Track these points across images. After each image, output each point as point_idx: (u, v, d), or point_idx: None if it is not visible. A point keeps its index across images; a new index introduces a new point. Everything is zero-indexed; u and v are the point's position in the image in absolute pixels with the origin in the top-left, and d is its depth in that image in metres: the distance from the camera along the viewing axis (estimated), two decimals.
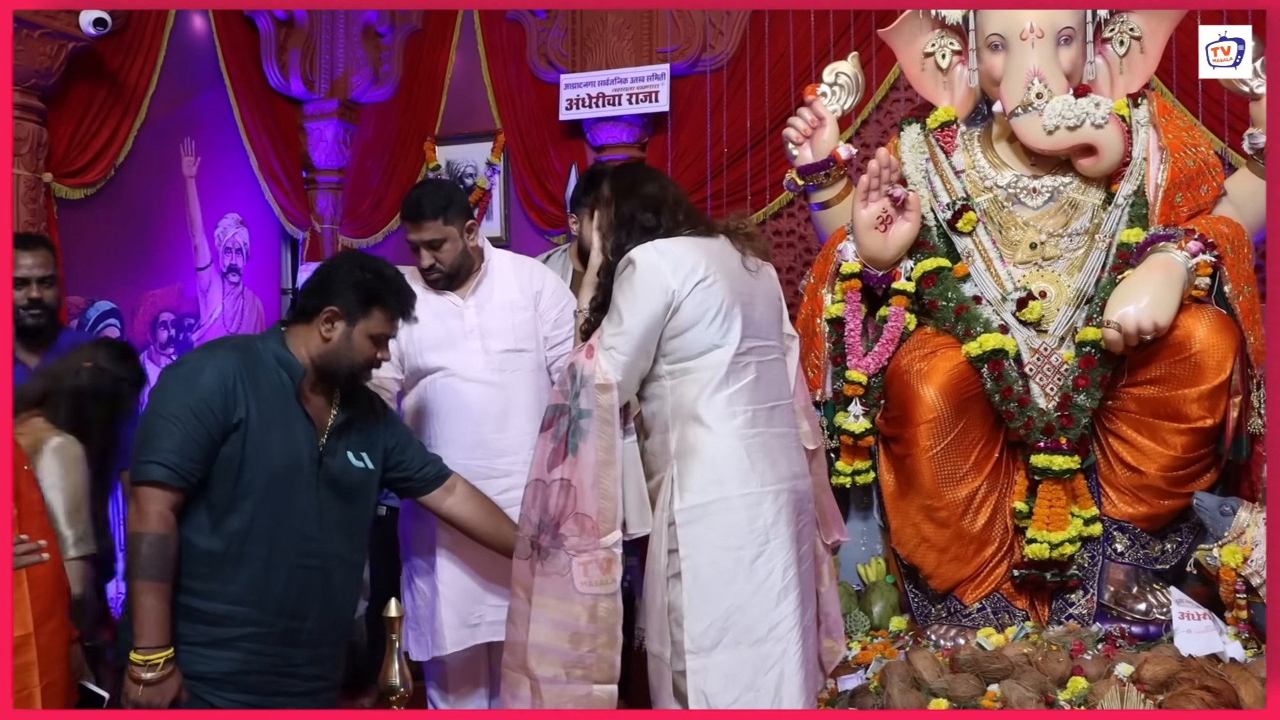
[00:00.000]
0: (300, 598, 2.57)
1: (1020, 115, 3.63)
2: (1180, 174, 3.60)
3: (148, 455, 2.42)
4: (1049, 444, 3.40)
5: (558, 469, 2.53)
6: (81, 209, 4.87)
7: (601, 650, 2.48)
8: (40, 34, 4.41)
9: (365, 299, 2.64)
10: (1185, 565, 3.53)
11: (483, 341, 3.31)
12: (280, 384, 2.57)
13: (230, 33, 5.76)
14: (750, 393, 2.56)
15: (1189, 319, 3.34)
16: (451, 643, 3.22)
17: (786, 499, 2.56)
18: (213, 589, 2.49)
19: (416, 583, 3.33)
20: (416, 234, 3.30)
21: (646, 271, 2.51)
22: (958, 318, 3.57)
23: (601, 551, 2.48)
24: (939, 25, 3.93)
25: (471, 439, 3.24)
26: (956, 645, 3.38)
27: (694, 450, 2.52)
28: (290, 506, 2.55)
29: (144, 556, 2.39)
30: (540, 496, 2.56)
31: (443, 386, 3.29)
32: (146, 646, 2.38)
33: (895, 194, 3.63)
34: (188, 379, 2.49)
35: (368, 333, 2.64)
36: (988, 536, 3.53)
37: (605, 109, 5.59)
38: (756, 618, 2.48)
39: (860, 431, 3.63)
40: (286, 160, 6.07)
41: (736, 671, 2.47)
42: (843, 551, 3.89)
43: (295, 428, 2.58)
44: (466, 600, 3.24)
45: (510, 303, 3.38)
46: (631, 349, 2.51)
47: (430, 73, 6.19)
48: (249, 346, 2.62)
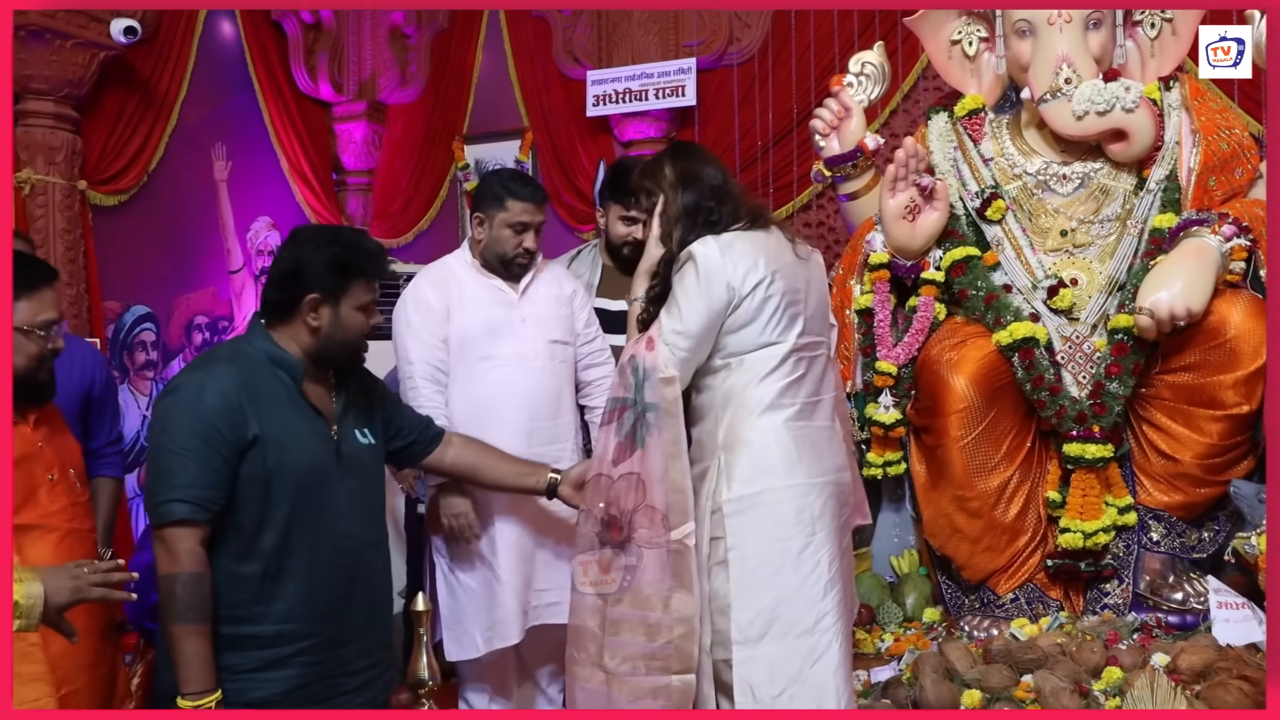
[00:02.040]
0: (346, 596, 2.50)
1: (1049, 101, 3.60)
2: (1214, 157, 3.56)
3: (164, 494, 2.28)
4: (1082, 432, 3.37)
5: (624, 464, 2.51)
6: (116, 215, 4.93)
7: (679, 642, 2.45)
8: (73, 44, 4.47)
9: (341, 273, 2.46)
10: (1223, 554, 3.47)
11: (537, 330, 3.33)
12: (282, 386, 2.44)
13: (258, 37, 5.81)
14: (799, 387, 2.56)
15: (1224, 304, 3.30)
16: (518, 630, 3.23)
17: (831, 491, 2.56)
18: (258, 612, 2.38)
19: (462, 581, 3.31)
20: (532, 216, 3.31)
21: (709, 268, 2.49)
22: (988, 306, 3.54)
23: (673, 544, 2.47)
24: (966, 12, 3.90)
25: (526, 427, 3.25)
26: (990, 636, 3.35)
27: (743, 441, 2.52)
28: (323, 508, 2.46)
29: (180, 599, 2.26)
30: (605, 491, 2.55)
31: (496, 375, 3.30)
32: (194, 693, 2.26)
33: (923, 183, 3.61)
34: (190, 404, 2.33)
35: (354, 306, 2.49)
36: (1020, 526, 3.50)
37: (632, 104, 5.58)
38: (803, 609, 2.47)
39: (891, 422, 3.62)
40: (316, 162, 6.12)
41: (783, 663, 2.46)
42: (875, 543, 3.89)
43: (308, 427, 2.46)
44: (525, 587, 3.26)
45: (555, 297, 3.41)
46: (691, 345, 2.50)
47: (457, 72, 6.21)
48: (240, 354, 2.45)
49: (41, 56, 4.41)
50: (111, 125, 4.89)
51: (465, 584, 3.30)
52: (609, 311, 3.58)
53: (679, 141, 4.02)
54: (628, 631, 2.49)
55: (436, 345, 3.29)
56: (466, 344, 3.30)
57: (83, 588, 2.13)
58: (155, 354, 5.07)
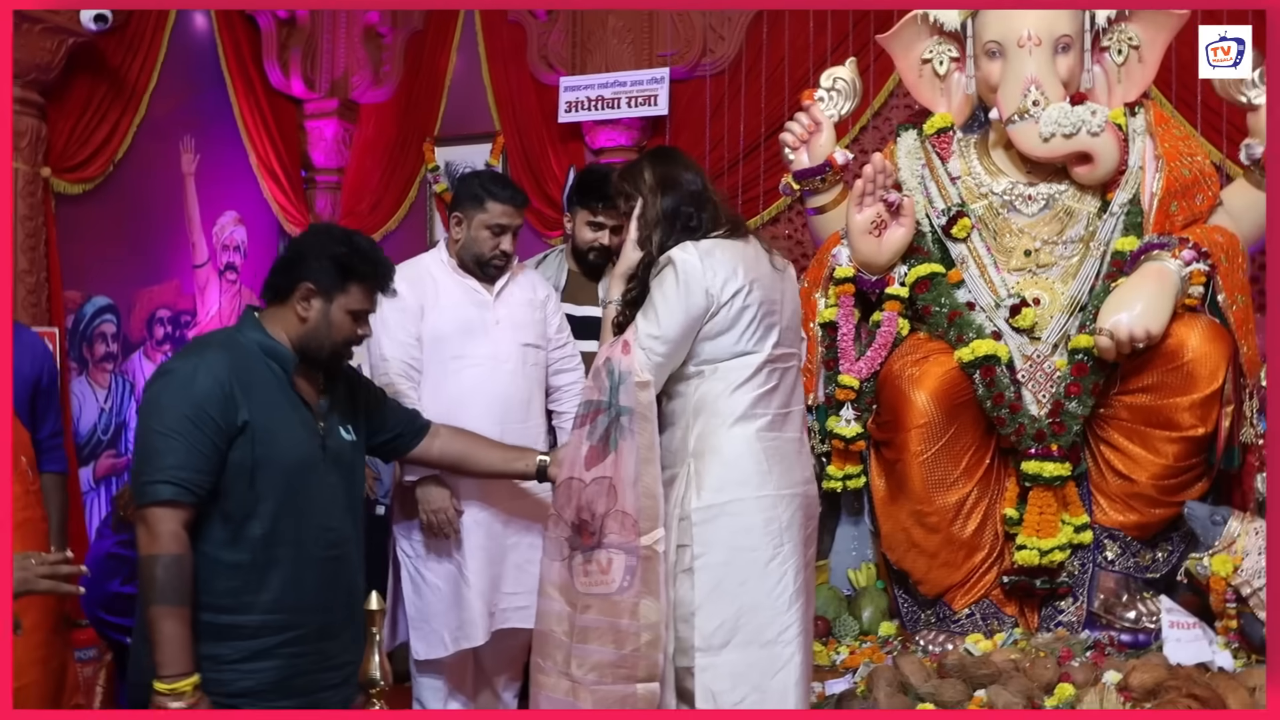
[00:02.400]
0: (330, 590, 2.48)
1: (1017, 122, 3.64)
2: (1176, 183, 3.61)
3: (151, 474, 2.27)
4: (1040, 450, 3.40)
5: (597, 467, 2.51)
6: (80, 204, 4.87)
7: (645, 649, 2.45)
8: (41, 29, 4.41)
9: (342, 273, 2.47)
10: (1176, 574, 3.53)
11: (511, 333, 3.33)
12: (273, 376, 2.43)
13: (231, 31, 5.77)
14: (772, 398, 2.57)
15: (1182, 328, 3.35)
16: (484, 632, 3.22)
17: (800, 503, 2.58)
18: (244, 602, 2.36)
19: (428, 580, 3.29)
20: (511, 219, 3.31)
21: (688, 274, 2.50)
22: (950, 323, 3.57)
23: (642, 549, 2.47)
24: (937, 31, 3.94)
25: (497, 429, 3.24)
26: (945, 651, 3.37)
27: (714, 449, 2.53)
28: (309, 501, 2.44)
29: (160, 580, 2.24)
30: (576, 496, 2.54)
31: (469, 375, 3.29)
32: (171, 675, 2.23)
33: (890, 199, 3.63)
34: (181, 387, 2.32)
35: (346, 309, 2.48)
36: (978, 542, 3.53)
37: (605, 112, 5.58)
38: (767, 620, 2.49)
39: (852, 436, 3.64)
40: (286, 159, 6.07)
41: (745, 671, 2.48)
42: (833, 556, 3.91)
43: (297, 419, 2.46)
44: (491, 590, 3.24)
45: (529, 300, 3.42)
46: (667, 350, 2.51)
47: (431, 73, 6.19)
48: (233, 341, 2.46)
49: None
50: (79, 113, 4.83)
51: (432, 583, 3.28)
52: (574, 316, 3.59)
53: (659, 146, 4.03)
54: (596, 639, 2.49)
55: (410, 343, 3.28)
56: (439, 343, 3.30)
57: (30, 579, 2.10)
58: (115, 346, 5.00)
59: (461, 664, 3.37)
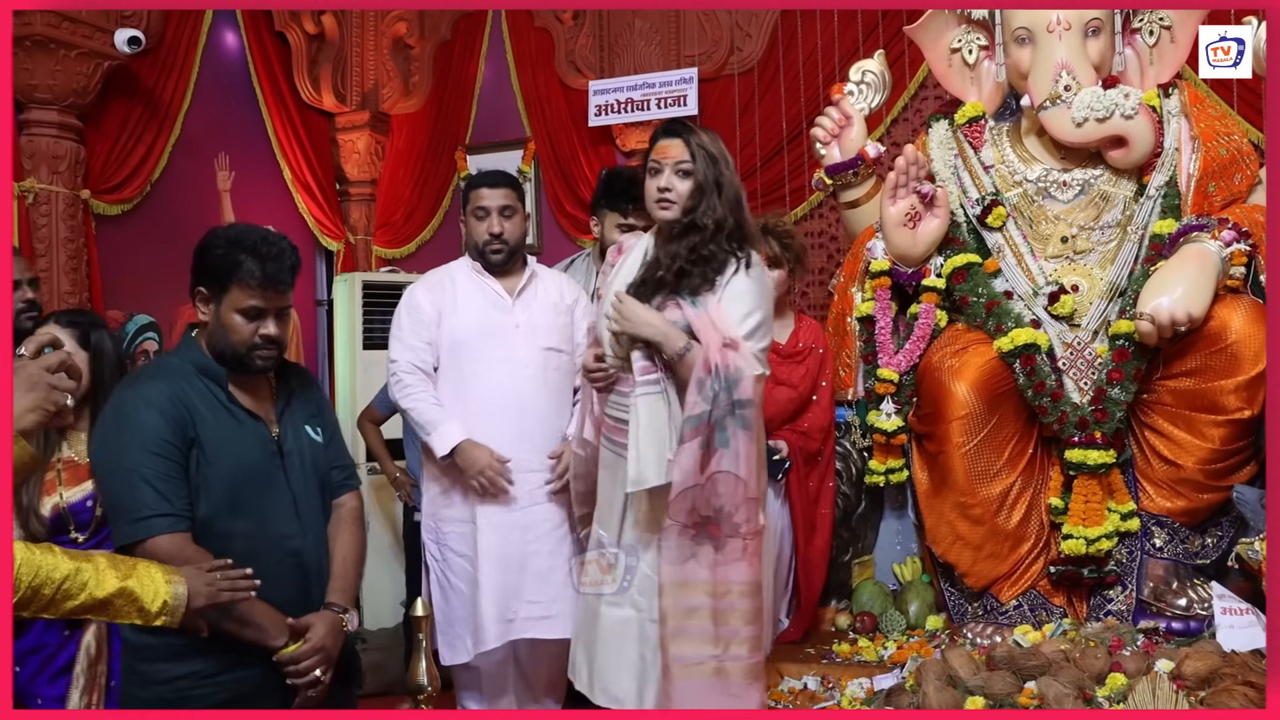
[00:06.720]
0: (302, 594, 2.47)
1: (1048, 108, 3.60)
2: (1213, 163, 3.56)
3: (133, 515, 2.28)
4: (1083, 438, 3.36)
5: (711, 464, 2.57)
6: (119, 225, 4.95)
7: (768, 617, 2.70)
8: (77, 54, 4.49)
9: (221, 273, 2.40)
10: (1226, 560, 3.47)
11: (530, 336, 3.34)
12: (208, 393, 2.41)
13: (262, 48, 5.84)
14: None
15: (1224, 309, 3.30)
16: (494, 637, 3.23)
17: None
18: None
19: (452, 583, 3.32)
20: (491, 199, 3.37)
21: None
22: (989, 313, 3.55)
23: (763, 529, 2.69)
24: (965, 20, 3.92)
25: (515, 431, 3.26)
26: (993, 643, 3.34)
27: None
28: (262, 513, 2.43)
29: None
30: (696, 499, 2.59)
31: (488, 378, 3.31)
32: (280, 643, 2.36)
33: (923, 190, 3.61)
34: (128, 424, 2.32)
35: (234, 309, 2.40)
36: (1023, 533, 3.50)
37: (634, 114, 5.61)
38: None
39: (893, 429, 3.62)
40: (319, 172, 6.14)
41: None
42: (878, 551, 3.89)
43: (241, 430, 2.43)
44: (504, 595, 3.25)
45: (554, 305, 3.43)
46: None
47: (460, 82, 6.24)
48: (165, 367, 2.47)
49: (46, 66, 4.44)
50: (115, 135, 4.91)
51: (456, 587, 3.31)
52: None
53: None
54: (739, 620, 2.63)
55: (421, 347, 3.33)
56: (458, 347, 3.33)
57: (215, 593, 2.18)
58: None
59: (501, 673, 3.38)
